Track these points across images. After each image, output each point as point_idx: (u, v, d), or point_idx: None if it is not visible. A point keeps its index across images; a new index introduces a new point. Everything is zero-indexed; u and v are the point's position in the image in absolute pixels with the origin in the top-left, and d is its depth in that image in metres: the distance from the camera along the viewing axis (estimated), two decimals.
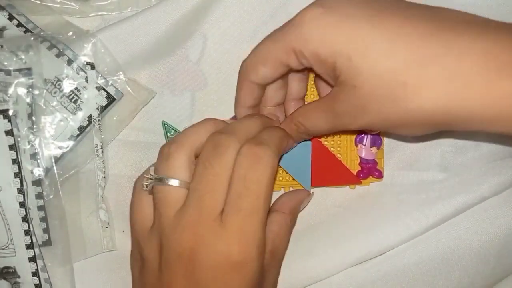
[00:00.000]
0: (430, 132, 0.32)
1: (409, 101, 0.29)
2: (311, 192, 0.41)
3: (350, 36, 0.30)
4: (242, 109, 0.37)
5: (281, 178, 0.41)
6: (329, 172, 0.41)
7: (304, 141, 0.39)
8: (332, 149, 0.41)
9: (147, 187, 0.34)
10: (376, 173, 0.41)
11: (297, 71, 0.36)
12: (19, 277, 0.39)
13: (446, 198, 0.41)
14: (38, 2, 0.41)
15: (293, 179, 0.41)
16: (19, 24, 0.40)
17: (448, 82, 0.28)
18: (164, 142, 0.40)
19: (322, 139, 0.41)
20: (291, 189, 0.42)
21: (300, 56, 0.32)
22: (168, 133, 0.41)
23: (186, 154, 0.33)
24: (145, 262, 0.34)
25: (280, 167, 0.41)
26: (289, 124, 0.37)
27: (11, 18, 0.40)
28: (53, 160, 0.39)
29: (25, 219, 0.38)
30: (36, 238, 0.39)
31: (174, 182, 0.32)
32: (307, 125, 0.36)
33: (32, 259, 0.39)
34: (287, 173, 0.41)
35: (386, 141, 0.42)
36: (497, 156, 0.42)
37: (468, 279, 0.42)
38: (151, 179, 0.33)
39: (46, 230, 0.40)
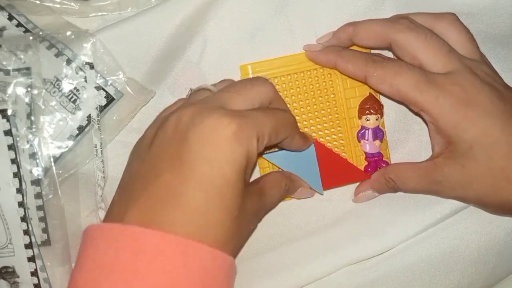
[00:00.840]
0: None
1: (508, 193, 0.34)
2: (322, 194, 0.42)
3: (480, 131, 0.34)
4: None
5: None
6: (337, 172, 0.41)
7: None
8: (336, 149, 0.41)
9: (191, 91, 0.36)
10: (383, 165, 0.42)
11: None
12: (18, 276, 0.39)
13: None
14: (38, 2, 0.41)
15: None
16: (19, 24, 0.40)
17: None
18: None
19: (324, 142, 0.41)
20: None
21: (422, 113, 0.36)
22: None
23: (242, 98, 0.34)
24: (143, 136, 0.34)
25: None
26: (379, 177, 0.40)
27: (11, 18, 0.40)
28: (52, 160, 0.39)
29: (24, 219, 0.38)
30: (35, 238, 0.39)
31: (212, 88, 0.34)
32: (398, 183, 0.39)
33: (31, 259, 0.39)
34: None
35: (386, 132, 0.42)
36: None
37: (468, 279, 0.42)
38: (199, 86, 0.36)
39: (45, 230, 0.39)
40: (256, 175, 0.42)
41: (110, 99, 0.40)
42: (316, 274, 0.41)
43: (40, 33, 0.40)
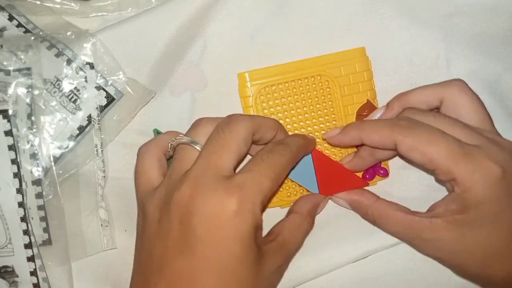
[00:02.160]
0: None
1: (491, 271, 0.35)
2: (326, 197, 0.41)
3: (499, 209, 0.33)
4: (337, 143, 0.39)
5: (289, 194, 0.42)
6: (335, 180, 0.41)
7: None
8: (334, 156, 0.41)
9: (171, 146, 0.36)
10: (382, 171, 0.42)
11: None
12: (17, 276, 0.39)
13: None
14: (38, 2, 0.41)
15: (301, 192, 0.41)
16: (19, 25, 0.40)
17: None
18: None
19: (322, 149, 0.41)
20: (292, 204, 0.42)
21: (453, 182, 0.34)
22: None
23: (214, 125, 0.35)
24: (146, 216, 0.34)
25: (290, 180, 0.41)
26: (364, 213, 0.39)
27: (11, 18, 0.40)
28: (52, 160, 0.39)
29: (23, 218, 0.38)
30: (34, 238, 0.39)
31: (196, 145, 0.34)
32: (378, 223, 0.38)
33: (31, 259, 0.39)
34: (295, 187, 0.41)
35: None
36: None
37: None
38: (178, 139, 0.35)
39: (46, 230, 0.39)
40: None
41: (110, 99, 0.40)
42: (315, 272, 0.41)
43: (40, 33, 0.40)
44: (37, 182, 0.39)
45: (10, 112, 0.38)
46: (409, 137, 0.34)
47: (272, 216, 0.38)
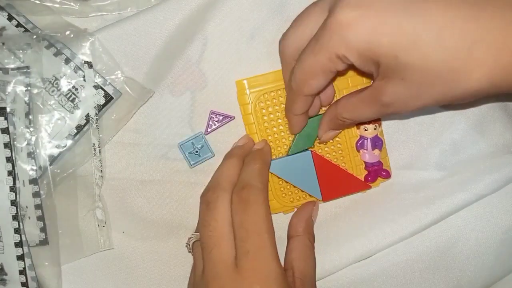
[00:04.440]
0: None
1: (460, 84, 0.29)
2: (316, 200, 0.41)
3: (393, 35, 0.29)
4: (295, 117, 0.38)
5: (291, 200, 0.41)
6: (337, 183, 0.40)
7: (304, 151, 0.40)
8: (335, 160, 0.41)
9: (189, 247, 0.38)
10: (384, 173, 0.41)
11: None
12: (6, 274, 0.39)
13: (444, 196, 0.41)
14: (37, 2, 0.41)
15: (304, 198, 0.41)
16: (19, 25, 0.40)
17: (495, 59, 0.28)
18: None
19: (323, 153, 0.41)
20: (295, 209, 0.42)
21: (345, 60, 0.31)
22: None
23: (226, 196, 0.36)
24: None
25: (292, 186, 0.41)
26: (334, 120, 0.38)
27: (10, 18, 0.40)
28: (47, 159, 0.39)
29: (15, 217, 0.38)
30: (25, 237, 0.39)
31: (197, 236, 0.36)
32: (353, 118, 0.36)
33: (21, 258, 0.38)
34: (298, 193, 0.41)
35: (386, 140, 0.42)
36: (494, 154, 0.41)
37: (467, 278, 0.42)
38: (191, 238, 0.38)
39: (43, 229, 0.39)
40: None
41: (108, 98, 0.40)
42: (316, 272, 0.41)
43: (39, 32, 0.40)
44: (34, 181, 0.39)
45: (8, 110, 0.38)
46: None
47: (276, 223, 0.38)
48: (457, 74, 0.29)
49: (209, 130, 0.42)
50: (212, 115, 0.41)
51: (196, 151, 0.41)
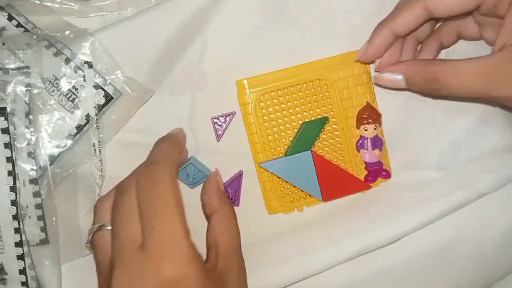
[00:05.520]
0: None
1: None
2: (216, 169, 0.41)
3: None
4: (373, 56, 0.37)
5: (292, 199, 0.41)
6: (337, 184, 0.41)
7: (304, 151, 0.40)
8: (335, 160, 0.41)
9: (87, 242, 0.35)
10: (384, 173, 0.41)
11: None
12: (6, 274, 0.39)
13: (444, 195, 0.41)
14: (37, 2, 0.41)
15: (304, 198, 0.41)
16: (19, 25, 0.40)
17: None
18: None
19: (323, 153, 0.41)
20: (304, 207, 0.42)
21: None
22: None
23: (109, 201, 0.34)
24: None
25: (292, 186, 0.41)
26: (420, 67, 0.35)
27: (10, 18, 0.40)
28: (47, 159, 0.39)
29: (16, 217, 0.38)
30: (25, 236, 0.39)
31: (102, 227, 0.34)
32: (443, 77, 0.33)
33: (21, 257, 0.39)
34: (298, 193, 0.41)
35: (386, 140, 0.42)
36: (494, 154, 0.41)
37: (467, 278, 0.42)
38: (89, 231, 0.35)
39: (43, 229, 0.39)
40: (255, 187, 0.42)
41: (108, 98, 0.40)
42: (316, 267, 0.41)
43: (39, 32, 0.40)
44: (34, 181, 0.39)
45: (8, 110, 0.38)
46: None
47: (275, 222, 0.38)
48: None
49: (219, 138, 0.42)
50: (215, 120, 0.42)
51: (194, 177, 0.41)
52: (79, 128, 0.40)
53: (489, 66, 0.31)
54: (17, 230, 0.38)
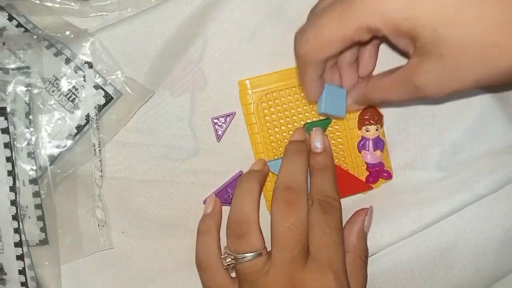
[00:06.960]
0: None
1: (502, 60, 0.28)
2: (370, 206, 0.41)
3: (434, 7, 0.28)
4: (311, 83, 0.36)
5: None
6: (339, 184, 0.40)
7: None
8: (336, 161, 0.41)
9: (228, 265, 0.37)
10: (385, 174, 0.41)
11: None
12: (5, 274, 0.39)
13: (444, 196, 0.41)
14: (38, 2, 0.41)
15: None
16: (19, 25, 0.40)
17: None
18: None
19: None
20: None
21: (375, 32, 0.30)
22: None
23: (257, 226, 0.36)
24: None
25: None
26: (362, 97, 0.37)
27: (11, 18, 0.40)
28: (47, 159, 0.39)
29: (15, 217, 0.38)
30: (25, 236, 0.39)
31: (255, 255, 0.35)
32: (383, 100, 0.36)
33: (20, 257, 0.38)
34: None
35: (386, 141, 0.42)
36: (494, 154, 0.41)
37: (467, 278, 0.42)
38: (231, 256, 0.36)
39: (43, 229, 0.39)
40: None
41: (109, 99, 0.40)
42: None
43: (40, 32, 0.40)
44: (34, 181, 0.39)
45: (8, 110, 0.38)
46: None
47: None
48: (499, 50, 0.28)
49: (219, 137, 0.42)
50: (215, 120, 0.41)
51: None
52: (79, 128, 0.40)
53: (404, 81, 0.32)
54: (16, 230, 0.38)
